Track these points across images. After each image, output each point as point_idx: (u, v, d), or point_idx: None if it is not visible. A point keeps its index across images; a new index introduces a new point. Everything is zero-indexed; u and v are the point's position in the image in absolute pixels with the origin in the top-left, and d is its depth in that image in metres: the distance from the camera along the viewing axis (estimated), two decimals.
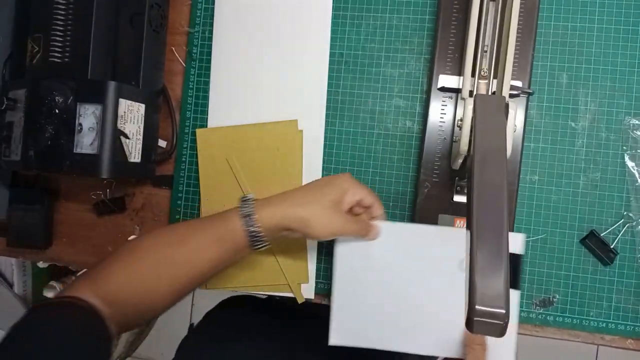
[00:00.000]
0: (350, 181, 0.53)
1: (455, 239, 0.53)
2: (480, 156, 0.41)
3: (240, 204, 0.51)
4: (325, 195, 0.51)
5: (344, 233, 0.52)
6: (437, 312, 0.54)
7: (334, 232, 0.52)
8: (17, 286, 1.19)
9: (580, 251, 0.58)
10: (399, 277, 0.55)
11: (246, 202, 0.52)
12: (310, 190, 0.53)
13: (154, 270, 0.50)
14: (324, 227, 0.51)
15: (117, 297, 0.48)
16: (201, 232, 0.51)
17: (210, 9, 0.67)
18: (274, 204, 0.51)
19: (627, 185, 0.57)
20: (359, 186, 0.53)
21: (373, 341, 0.55)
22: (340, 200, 0.52)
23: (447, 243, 0.54)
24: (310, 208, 0.51)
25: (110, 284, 0.49)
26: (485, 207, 0.39)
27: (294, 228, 0.51)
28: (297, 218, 0.50)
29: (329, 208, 0.51)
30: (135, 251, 0.51)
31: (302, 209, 0.50)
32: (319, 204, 0.51)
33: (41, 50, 0.57)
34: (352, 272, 0.56)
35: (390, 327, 0.55)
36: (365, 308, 0.55)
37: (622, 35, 0.58)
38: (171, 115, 0.66)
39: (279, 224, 0.50)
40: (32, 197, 0.69)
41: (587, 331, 0.58)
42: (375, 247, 0.55)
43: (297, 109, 0.64)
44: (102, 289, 0.48)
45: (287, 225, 0.51)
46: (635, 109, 0.58)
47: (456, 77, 0.57)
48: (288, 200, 0.51)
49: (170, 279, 0.50)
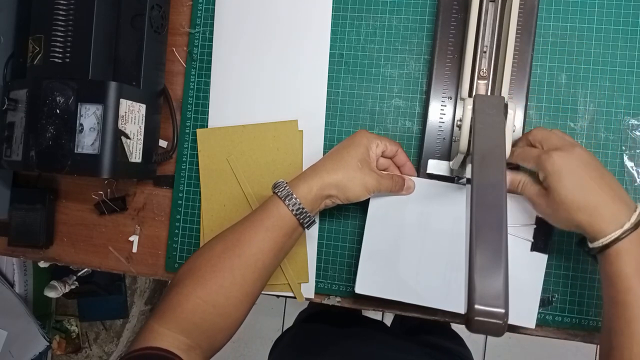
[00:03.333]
0: (368, 135, 0.54)
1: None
2: (479, 156, 0.42)
3: (275, 189, 0.53)
4: (352, 157, 0.53)
5: (380, 188, 0.54)
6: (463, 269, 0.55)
7: (370, 188, 0.53)
8: (18, 286, 1.20)
9: (579, 251, 0.58)
10: (427, 234, 0.56)
11: (279, 185, 0.53)
12: (336, 156, 0.54)
13: (219, 283, 0.49)
14: (360, 187, 0.52)
15: (193, 324, 0.48)
16: (249, 229, 0.52)
17: (211, 10, 0.67)
18: (308, 178, 0.52)
19: (626, 185, 0.58)
20: (377, 137, 0.55)
21: (397, 294, 0.56)
22: (366, 156, 0.53)
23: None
24: (342, 172, 0.52)
25: (182, 314, 0.48)
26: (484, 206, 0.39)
27: (333, 195, 0.52)
28: (334, 184, 0.52)
29: (359, 168, 0.52)
30: (194, 271, 0.50)
31: (335, 175, 0.52)
32: (349, 166, 0.52)
33: (42, 50, 0.58)
34: (382, 226, 0.57)
35: (415, 281, 0.56)
36: (392, 262, 0.57)
37: (621, 36, 0.58)
38: (172, 116, 0.67)
39: (318, 194, 0.52)
40: (33, 197, 0.69)
41: (587, 330, 0.58)
42: (407, 204, 0.57)
43: (297, 109, 0.64)
44: (176, 322, 0.47)
45: (327, 194, 0.52)
46: (634, 109, 0.58)
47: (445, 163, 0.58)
48: (319, 171, 0.53)
49: (238, 284, 0.50)
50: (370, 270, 0.57)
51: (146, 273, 0.68)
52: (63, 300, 1.41)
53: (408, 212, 0.57)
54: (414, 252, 0.57)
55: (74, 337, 1.41)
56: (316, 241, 0.63)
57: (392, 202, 0.57)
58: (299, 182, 0.52)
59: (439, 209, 0.57)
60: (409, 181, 0.57)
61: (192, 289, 0.49)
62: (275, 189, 0.53)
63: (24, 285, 1.23)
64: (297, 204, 0.51)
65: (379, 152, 0.55)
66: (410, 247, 0.57)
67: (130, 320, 1.36)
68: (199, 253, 0.52)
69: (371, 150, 0.54)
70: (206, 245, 0.53)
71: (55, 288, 1.24)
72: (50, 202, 0.70)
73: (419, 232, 0.57)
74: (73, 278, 1.29)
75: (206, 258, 0.51)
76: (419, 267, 0.56)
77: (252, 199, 0.64)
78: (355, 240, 0.63)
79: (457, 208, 0.56)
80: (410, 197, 0.57)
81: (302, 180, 0.52)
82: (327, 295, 0.63)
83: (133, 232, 0.69)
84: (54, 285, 1.24)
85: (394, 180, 0.55)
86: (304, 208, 0.51)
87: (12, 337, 1.18)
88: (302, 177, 0.53)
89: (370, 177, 0.53)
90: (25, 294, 1.23)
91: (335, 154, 0.54)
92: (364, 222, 0.59)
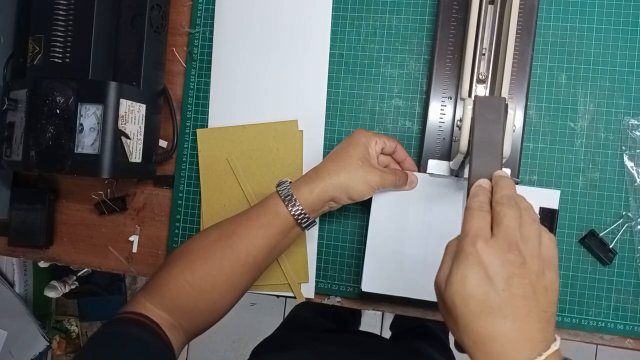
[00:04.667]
0: (365, 134, 0.54)
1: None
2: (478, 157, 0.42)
3: (278, 188, 0.53)
4: (352, 156, 0.52)
5: (384, 184, 0.54)
6: None
7: (374, 185, 0.53)
8: (18, 286, 1.20)
9: (579, 251, 0.58)
10: (431, 228, 0.56)
11: (282, 184, 0.53)
12: (336, 157, 0.54)
13: (207, 270, 0.50)
14: (364, 185, 0.52)
15: (178, 303, 0.49)
16: (246, 223, 0.52)
17: (211, 10, 0.67)
18: (310, 180, 0.52)
19: (626, 185, 0.58)
20: (375, 135, 0.55)
21: (404, 290, 0.56)
22: (366, 154, 0.53)
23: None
24: (344, 172, 0.52)
25: (168, 293, 0.49)
26: None
27: (336, 196, 0.52)
28: (337, 185, 0.52)
29: (361, 167, 0.52)
30: (186, 254, 0.51)
31: (337, 176, 0.52)
32: (350, 165, 0.52)
33: (42, 50, 0.58)
34: (385, 223, 0.57)
35: (422, 277, 0.56)
36: (398, 258, 0.57)
37: (621, 36, 0.58)
38: (172, 116, 0.67)
39: (320, 197, 0.52)
40: (33, 197, 0.69)
41: (587, 330, 0.58)
42: (410, 200, 0.57)
43: (297, 109, 0.64)
44: (161, 299, 0.49)
45: (329, 196, 0.52)
46: (634, 109, 0.58)
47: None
48: (321, 173, 0.52)
49: (225, 274, 0.50)
50: (375, 268, 0.57)
51: (146, 273, 0.68)
52: (63, 300, 1.41)
53: (411, 208, 0.57)
54: (419, 248, 0.57)
55: (74, 337, 1.42)
56: (316, 241, 0.63)
57: (394, 199, 0.57)
58: (300, 184, 0.52)
59: (442, 203, 0.57)
60: (412, 175, 0.57)
61: (180, 270, 0.50)
62: (277, 187, 0.53)
63: (24, 285, 1.23)
64: (296, 205, 0.51)
65: (379, 149, 0.55)
66: (415, 242, 0.57)
67: None
68: (195, 237, 0.53)
69: (370, 147, 0.54)
70: (204, 231, 0.54)
71: (55, 288, 1.24)
72: (50, 202, 0.70)
73: (423, 227, 0.57)
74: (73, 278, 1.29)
75: (200, 244, 0.52)
76: (425, 262, 0.56)
77: (252, 199, 0.64)
78: (356, 240, 0.63)
79: (460, 202, 0.56)
80: (413, 193, 0.57)
81: (304, 182, 0.52)
82: (327, 295, 0.63)
83: (133, 232, 0.69)
84: (54, 285, 1.24)
85: (397, 174, 0.55)
86: (303, 209, 0.51)
87: (12, 337, 1.18)
88: (305, 179, 0.53)
89: (372, 173, 0.52)
90: (25, 294, 1.24)
91: (335, 155, 0.54)
92: (365, 221, 0.59)
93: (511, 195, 0.37)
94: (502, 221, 0.35)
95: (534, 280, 0.34)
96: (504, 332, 0.33)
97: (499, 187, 0.38)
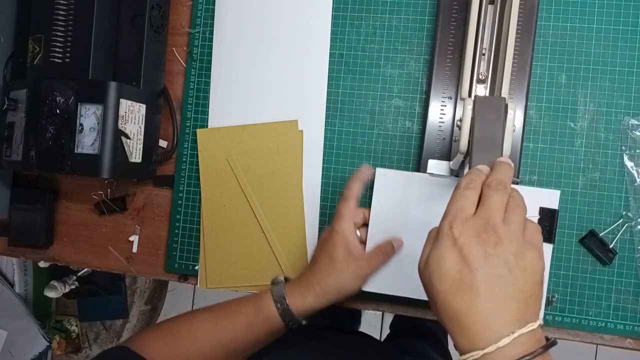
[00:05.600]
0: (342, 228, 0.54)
1: None
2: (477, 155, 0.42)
3: (272, 288, 0.54)
4: (335, 260, 0.53)
5: (372, 270, 0.55)
6: None
7: (364, 277, 0.55)
8: (18, 286, 1.20)
9: (579, 251, 0.58)
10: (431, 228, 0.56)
11: (277, 283, 0.55)
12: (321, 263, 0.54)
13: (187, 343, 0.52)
14: (354, 281, 0.54)
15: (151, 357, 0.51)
16: (236, 315, 0.54)
17: (211, 10, 0.67)
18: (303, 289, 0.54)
19: (626, 185, 0.58)
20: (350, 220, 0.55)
21: (403, 290, 0.57)
22: (348, 249, 0.54)
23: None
24: (332, 277, 0.53)
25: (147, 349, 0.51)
26: None
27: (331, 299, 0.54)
28: (328, 291, 0.53)
29: (346, 267, 0.53)
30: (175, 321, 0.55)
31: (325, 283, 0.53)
32: (335, 269, 0.53)
33: (42, 50, 0.58)
34: (386, 224, 0.57)
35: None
36: (399, 258, 0.57)
37: (621, 36, 0.58)
38: (172, 116, 0.67)
39: (310, 307, 0.53)
40: (33, 197, 0.69)
41: (587, 330, 0.58)
42: (409, 199, 0.57)
43: (297, 109, 0.64)
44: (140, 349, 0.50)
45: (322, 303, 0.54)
46: (634, 109, 0.58)
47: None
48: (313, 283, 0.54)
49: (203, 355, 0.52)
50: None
51: (146, 273, 0.68)
52: (63, 300, 1.41)
53: (411, 208, 0.57)
54: (419, 247, 0.56)
55: (74, 337, 1.41)
56: (316, 241, 0.63)
57: (394, 200, 0.57)
58: (294, 290, 0.54)
59: (442, 203, 0.56)
60: (396, 241, 0.56)
61: (162, 335, 0.53)
62: (272, 286, 0.55)
63: (24, 285, 1.23)
64: (286, 310, 0.53)
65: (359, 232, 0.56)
66: (416, 242, 0.56)
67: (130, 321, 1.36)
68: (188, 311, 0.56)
69: (349, 240, 0.54)
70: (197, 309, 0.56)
71: (55, 288, 1.24)
72: (50, 202, 0.70)
73: (423, 227, 0.56)
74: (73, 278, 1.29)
75: (189, 318, 0.55)
76: None
77: (252, 199, 0.64)
78: None
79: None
80: (413, 193, 0.57)
81: (297, 288, 0.54)
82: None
83: (133, 232, 0.69)
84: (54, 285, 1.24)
85: (382, 251, 0.55)
86: (293, 314, 0.53)
87: (12, 337, 1.18)
88: (298, 286, 0.54)
89: (358, 267, 0.54)
90: (25, 294, 1.23)
91: (320, 261, 0.55)
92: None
93: (501, 179, 0.37)
94: (485, 202, 0.36)
95: (510, 260, 0.34)
96: (478, 309, 0.34)
97: (494, 171, 0.39)
